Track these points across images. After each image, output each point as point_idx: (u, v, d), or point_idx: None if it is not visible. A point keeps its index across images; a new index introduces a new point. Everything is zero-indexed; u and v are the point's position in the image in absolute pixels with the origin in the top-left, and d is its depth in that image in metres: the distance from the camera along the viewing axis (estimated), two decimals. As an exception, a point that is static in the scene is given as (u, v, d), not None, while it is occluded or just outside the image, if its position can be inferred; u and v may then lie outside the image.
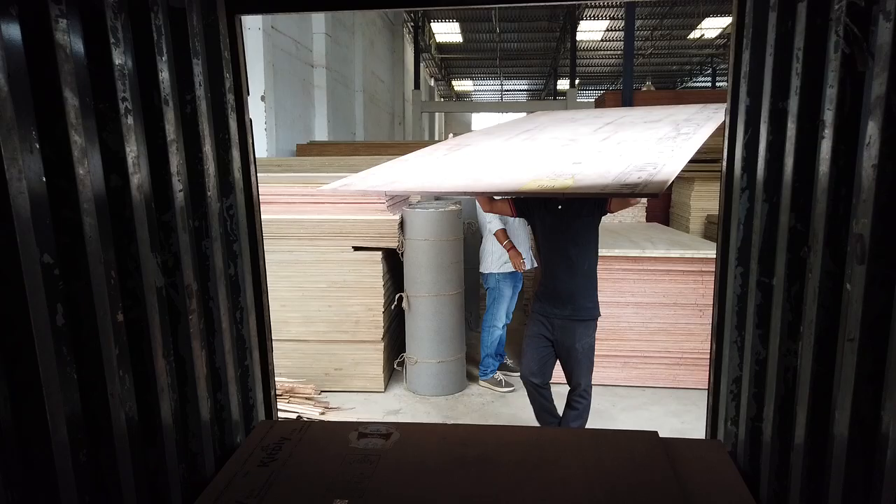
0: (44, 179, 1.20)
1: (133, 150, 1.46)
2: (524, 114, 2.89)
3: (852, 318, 1.22)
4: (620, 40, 15.38)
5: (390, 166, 1.92)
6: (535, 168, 1.64)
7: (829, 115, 1.33)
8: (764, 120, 1.64)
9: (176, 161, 1.63)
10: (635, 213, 7.76)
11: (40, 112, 1.20)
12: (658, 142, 1.81)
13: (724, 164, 1.89)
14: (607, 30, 17.30)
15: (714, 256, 2.07)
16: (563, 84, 22.80)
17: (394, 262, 5.07)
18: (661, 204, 8.78)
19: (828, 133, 1.33)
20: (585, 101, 22.79)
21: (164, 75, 1.58)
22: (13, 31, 1.15)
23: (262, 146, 8.11)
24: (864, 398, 1.20)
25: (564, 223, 3.31)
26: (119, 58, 1.42)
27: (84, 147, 1.29)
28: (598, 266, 3.47)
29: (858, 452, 1.22)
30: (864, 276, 1.17)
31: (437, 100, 27.77)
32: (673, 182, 1.85)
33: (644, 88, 16.42)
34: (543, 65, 23.32)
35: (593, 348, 3.59)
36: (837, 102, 1.29)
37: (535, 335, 3.60)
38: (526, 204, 3.42)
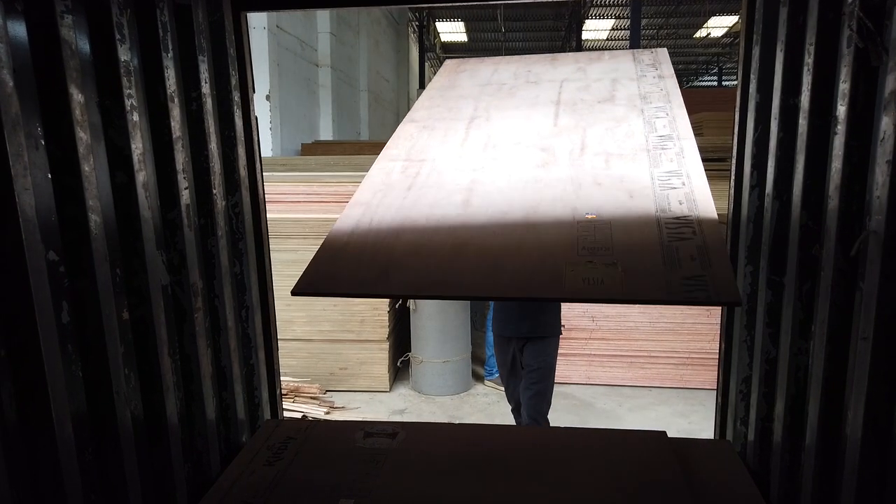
0: (49, 176, 1.19)
1: (139, 148, 1.45)
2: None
3: (866, 316, 1.20)
4: (626, 39, 15.35)
5: (352, 233, 1.48)
6: (548, 233, 1.36)
7: (841, 111, 1.31)
8: (774, 116, 1.62)
9: (181, 158, 1.62)
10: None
11: (46, 108, 1.19)
12: (650, 157, 1.58)
13: (734, 161, 1.87)
14: (613, 29, 17.25)
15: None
16: (568, 83, 22.72)
17: (399, 261, 5.06)
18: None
19: (840, 129, 1.31)
20: (590, 100, 22.70)
21: (170, 72, 1.57)
22: (18, 27, 1.14)
23: (267, 145, 8.11)
24: (877, 398, 1.18)
25: None
26: (125, 54, 1.41)
27: (89, 144, 1.29)
28: None
29: (872, 453, 1.21)
30: (878, 273, 1.15)
31: (441, 99, 27.74)
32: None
33: (649, 87, 16.34)
34: (548, 64, 23.26)
35: (553, 370, 3.28)
36: (850, 98, 1.27)
37: (503, 365, 3.37)
38: None
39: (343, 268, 1.39)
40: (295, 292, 1.34)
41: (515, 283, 1.27)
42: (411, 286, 1.34)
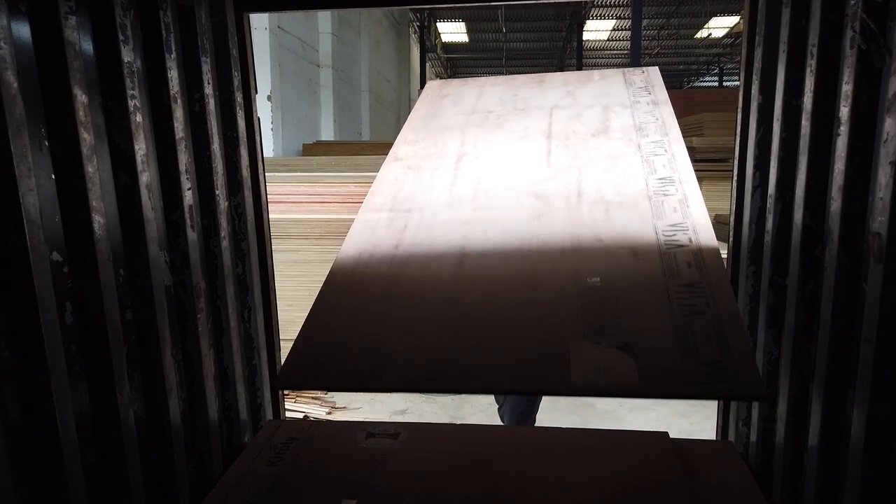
0: (53, 177, 1.20)
1: (142, 148, 1.45)
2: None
3: (869, 318, 1.20)
4: (627, 40, 15.34)
5: (338, 306, 1.37)
6: (550, 305, 1.25)
7: (844, 113, 1.31)
8: (777, 118, 1.62)
9: (184, 159, 1.62)
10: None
11: (49, 109, 1.20)
12: (652, 206, 1.47)
13: (736, 162, 1.87)
14: (614, 29, 17.25)
15: (724, 256, 2.05)
16: (569, 84, 22.71)
17: (400, 261, 5.06)
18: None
19: (843, 130, 1.31)
20: (591, 100, 22.70)
21: (173, 73, 1.58)
22: (23, 29, 1.14)
23: (268, 146, 8.12)
24: (881, 400, 1.18)
25: None
26: (128, 55, 1.41)
27: (93, 145, 1.29)
28: None
29: (875, 455, 1.21)
30: (881, 275, 1.15)
31: (442, 100, 27.72)
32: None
33: (651, 88, 16.32)
34: (549, 64, 23.28)
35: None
36: (853, 99, 1.28)
37: None
38: None
39: (331, 353, 1.27)
40: (281, 385, 1.25)
41: (520, 374, 1.17)
42: (406, 379, 1.23)
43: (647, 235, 1.42)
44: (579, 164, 1.71)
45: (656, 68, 2.17)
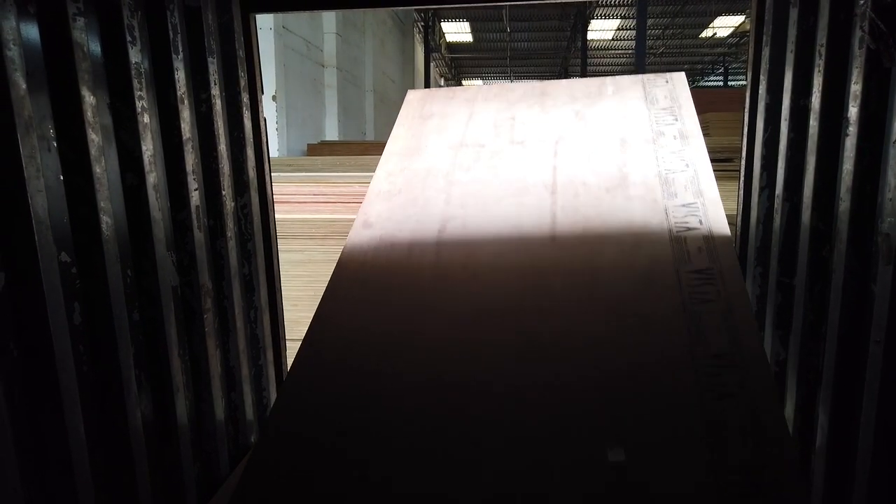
0: (61, 178, 1.20)
1: (149, 149, 1.46)
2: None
3: (878, 319, 1.19)
4: (632, 39, 15.32)
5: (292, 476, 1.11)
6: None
7: (853, 113, 1.30)
8: (785, 118, 1.61)
9: (191, 160, 1.63)
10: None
11: (58, 110, 1.20)
12: (688, 319, 1.19)
13: (743, 162, 1.87)
14: (618, 28, 17.21)
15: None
16: (573, 83, 22.64)
17: (405, 261, 5.06)
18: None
19: (852, 130, 1.30)
20: (596, 100, 22.63)
21: (180, 74, 1.58)
22: (31, 30, 1.15)
23: (273, 146, 8.13)
24: (890, 401, 1.18)
25: None
26: (135, 56, 1.42)
27: (101, 145, 1.29)
28: None
29: (883, 457, 1.20)
30: (891, 276, 1.15)
31: (446, 99, 27.66)
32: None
33: (655, 87, 16.28)
34: (554, 64, 23.27)
35: None
36: (862, 99, 1.27)
37: None
38: None
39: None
40: None
41: None
42: None
43: (685, 382, 1.09)
44: (592, 245, 1.38)
45: (682, 75, 1.87)
